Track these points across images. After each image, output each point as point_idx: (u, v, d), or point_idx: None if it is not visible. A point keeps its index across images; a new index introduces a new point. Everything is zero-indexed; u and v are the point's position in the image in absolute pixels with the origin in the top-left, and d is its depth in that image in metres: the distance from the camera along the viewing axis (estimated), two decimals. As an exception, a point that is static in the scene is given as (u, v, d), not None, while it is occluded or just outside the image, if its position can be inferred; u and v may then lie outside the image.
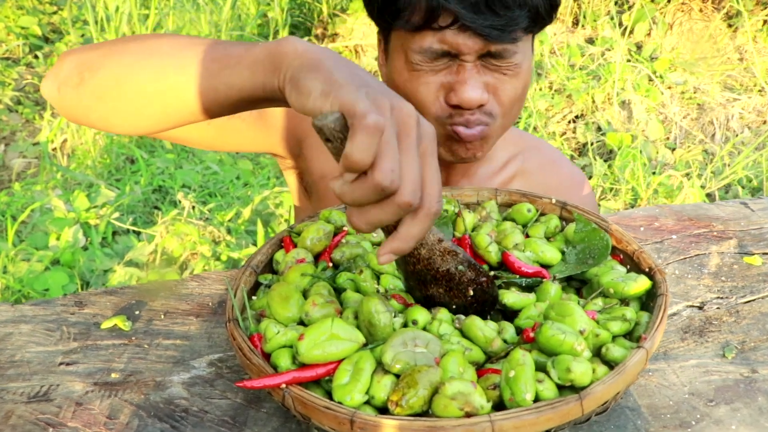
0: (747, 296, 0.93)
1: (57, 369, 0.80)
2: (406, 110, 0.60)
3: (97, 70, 0.81)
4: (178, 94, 0.77)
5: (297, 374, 0.63)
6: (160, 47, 0.79)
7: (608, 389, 0.62)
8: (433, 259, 0.71)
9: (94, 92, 0.81)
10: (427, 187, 0.60)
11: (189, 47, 0.77)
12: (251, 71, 0.71)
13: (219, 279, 0.97)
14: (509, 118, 1.02)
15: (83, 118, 0.86)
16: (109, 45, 0.83)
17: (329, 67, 0.63)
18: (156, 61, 0.77)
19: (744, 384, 0.77)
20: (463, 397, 0.58)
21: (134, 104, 0.80)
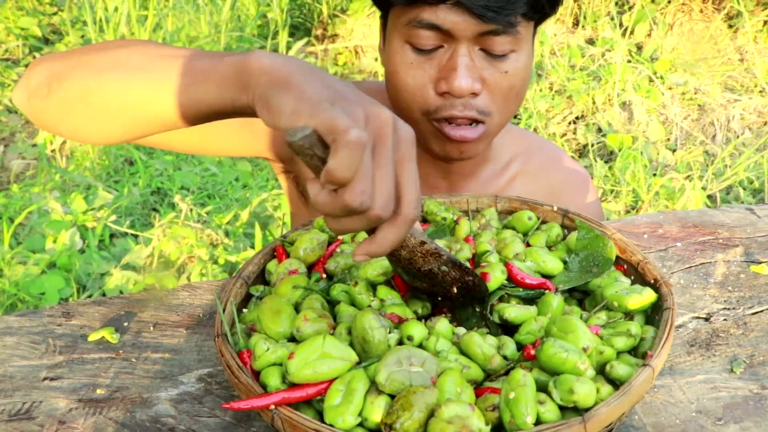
0: (755, 307, 0.90)
1: (41, 384, 0.77)
2: (383, 118, 0.59)
3: (63, 81, 0.79)
4: (146, 108, 0.75)
5: (286, 395, 0.60)
6: (128, 59, 0.76)
7: (613, 411, 0.59)
8: (414, 260, 0.70)
9: (61, 104, 0.79)
10: (404, 194, 0.60)
11: (156, 59, 0.74)
12: (219, 88, 0.68)
13: (210, 289, 0.94)
14: (506, 115, 1.00)
15: (53, 128, 0.84)
16: (78, 54, 0.80)
17: (298, 82, 0.61)
18: (122, 74, 0.75)
19: (754, 401, 0.74)
20: (460, 421, 0.56)
21: (102, 117, 0.78)
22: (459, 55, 0.92)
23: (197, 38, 3.87)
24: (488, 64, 0.94)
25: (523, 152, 1.19)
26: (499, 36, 0.91)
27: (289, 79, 0.61)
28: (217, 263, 2.42)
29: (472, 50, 0.93)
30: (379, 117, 0.58)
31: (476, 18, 0.89)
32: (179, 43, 3.77)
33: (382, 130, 0.58)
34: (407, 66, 0.95)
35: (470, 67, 0.93)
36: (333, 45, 4.35)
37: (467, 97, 0.94)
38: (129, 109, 0.75)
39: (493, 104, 0.96)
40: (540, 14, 0.95)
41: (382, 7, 0.99)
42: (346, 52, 4.35)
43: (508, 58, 0.94)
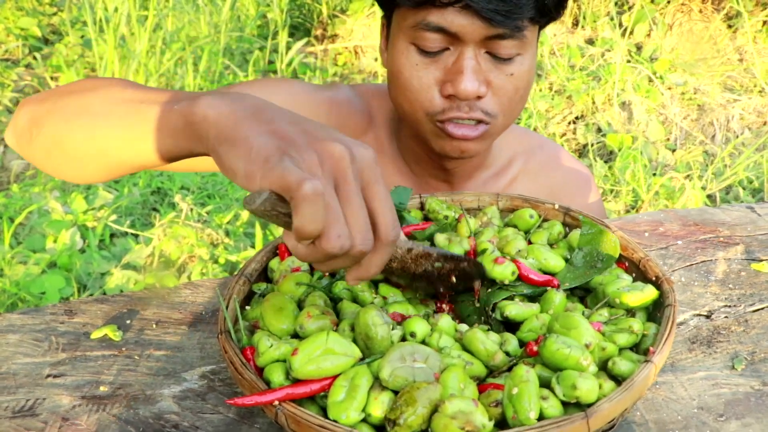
0: (756, 304, 0.90)
1: (44, 381, 0.77)
2: (336, 153, 0.57)
3: (41, 128, 0.81)
4: (113, 154, 0.75)
5: (290, 390, 0.61)
6: (92, 105, 0.77)
7: (615, 406, 0.59)
8: (406, 267, 0.71)
9: (41, 150, 0.82)
10: (379, 220, 0.59)
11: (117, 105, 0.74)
12: (174, 139, 0.68)
13: (213, 287, 0.95)
14: (509, 118, 1.00)
15: (41, 167, 0.87)
16: (54, 98, 0.82)
17: (245, 136, 0.59)
18: (87, 122, 0.76)
19: (755, 397, 0.74)
20: (464, 416, 0.56)
21: (77, 162, 0.80)
22: (465, 58, 0.92)
23: (197, 38, 3.87)
24: (494, 66, 0.94)
25: (524, 152, 1.19)
26: (505, 40, 0.91)
27: (236, 133, 0.60)
28: (218, 263, 2.42)
29: (478, 53, 0.93)
30: (332, 154, 0.57)
31: (484, 21, 0.89)
32: (179, 44, 3.77)
33: (339, 165, 0.57)
34: (412, 67, 0.95)
35: (476, 70, 0.93)
36: (333, 45, 4.35)
37: (473, 99, 0.94)
38: (98, 156, 0.76)
39: (498, 106, 0.96)
40: (546, 18, 0.95)
41: (387, 8, 0.99)
42: (346, 53, 4.35)
43: (514, 61, 0.94)
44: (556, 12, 0.94)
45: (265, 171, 0.56)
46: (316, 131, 0.59)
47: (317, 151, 0.57)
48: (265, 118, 0.60)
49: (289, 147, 0.57)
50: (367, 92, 1.15)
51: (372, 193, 0.59)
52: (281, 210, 0.56)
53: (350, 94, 1.13)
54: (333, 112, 1.10)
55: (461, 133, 0.96)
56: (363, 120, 1.13)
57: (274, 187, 0.55)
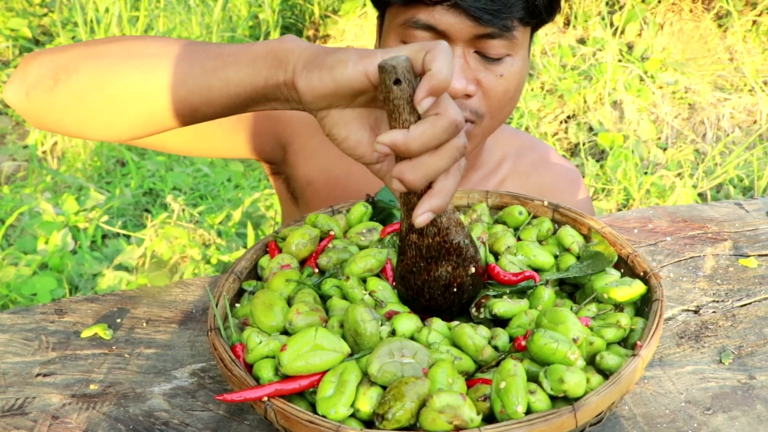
0: (743, 299, 0.91)
1: (34, 380, 0.77)
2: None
3: (74, 71, 0.76)
4: (168, 94, 0.73)
5: (279, 386, 0.61)
6: (146, 47, 0.75)
7: (603, 400, 0.60)
8: (450, 229, 0.69)
9: (71, 94, 0.76)
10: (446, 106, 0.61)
11: (179, 46, 0.74)
12: (252, 67, 0.68)
13: (203, 285, 0.95)
14: (498, 119, 1.00)
15: (55, 123, 0.81)
16: (85, 46, 0.79)
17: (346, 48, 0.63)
18: (143, 62, 0.74)
19: (742, 391, 0.75)
20: (452, 410, 0.56)
21: (117, 107, 0.75)
22: (454, 57, 0.92)
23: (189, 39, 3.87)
24: (483, 66, 0.94)
25: (514, 152, 1.19)
26: (494, 39, 0.91)
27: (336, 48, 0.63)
28: (210, 263, 2.42)
29: (467, 52, 0.93)
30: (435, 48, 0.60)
31: (472, 20, 0.89)
32: (171, 44, 3.77)
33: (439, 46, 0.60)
34: None
35: (465, 68, 0.93)
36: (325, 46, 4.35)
37: (461, 98, 0.94)
38: (149, 97, 0.73)
39: (486, 107, 0.96)
40: (537, 20, 0.94)
41: (380, 7, 0.99)
42: (338, 53, 4.35)
43: (504, 62, 0.94)
44: (546, 14, 0.94)
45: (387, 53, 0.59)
46: None
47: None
48: None
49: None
50: None
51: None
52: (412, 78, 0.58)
53: None
54: None
55: None
56: None
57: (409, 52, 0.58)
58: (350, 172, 1.08)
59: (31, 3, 4.43)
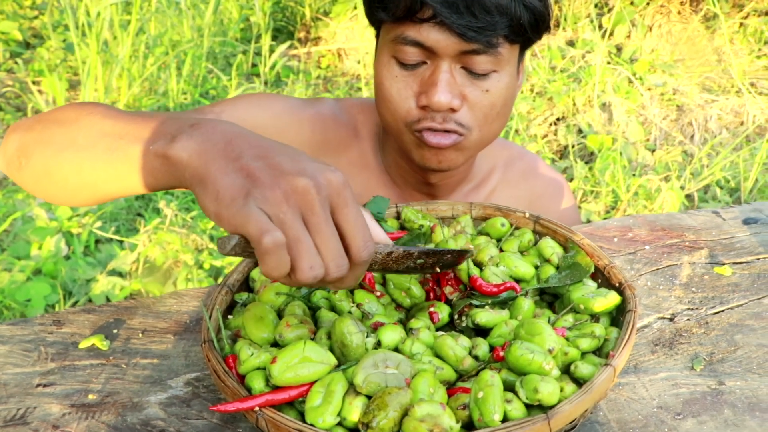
0: (716, 307, 0.95)
1: (34, 391, 0.80)
2: (301, 187, 0.60)
3: (29, 158, 0.82)
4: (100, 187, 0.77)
5: (270, 397, 0.64)
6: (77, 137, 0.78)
7: (576, 408, 0.63)
8: (388, 268, 0.73)
9: (31, 179, 0.84)
10: (351, 242, 0.62)
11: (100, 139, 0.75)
12: (155, 178, 0.69)
13: (197, 296, 0.98)
14: (487, 133, 1.03)
15: (33, 194, 0.89)
16: (41, 127, 0.83)
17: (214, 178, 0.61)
18: (74, 155, 0.77)
19: (711, 396, 0.79)
20: (432, 419, 0.60)
21: (67, 191, 0.81)
22: (440, 72, 0.96)
23: (180, 42, 3.89)
24: (469, 81, 0.97)
25: (503, 163, 1.23)
26: (480, 55, 0.95)
27: (206, 174, 0.62)
28: (203, 268, 2.44)
29: (453, 67, 0.96)
30: (296, 189, 0.60)
31: (457, 37, 0.92)
32: (162, 48, 3.79)
33: (305, 199, 0.60)
34: (392, 79, 0.99)
35: (450, 83, 0.96)
36: (316, 48, 4.38)
37: (447, 111, 0.97)
38: (87, 187, 0.78)
39: (472, 120, 0.99)
40: (523, 38, 0.98)
41: (374, 24, 1.04)
42: (329, 55, 4.38)
43: (490, 78, 0.97)
44: (533, 33, 0.98)
45: (231, 215, 0.59)
46: (282, 164, 0.61)
47: (282, 187, 0.59)
48: (233, 153, 0.62)
49: (253, 186, 0.60)
50: (352, 107, 1.19)
51: (342, 217, 0.62)
52: (252, 251, 0.60)
53: (335, 109, 1.16)
54: (317, 128, 1.13)
55: (436, 141, 1.00)
56: (348, 134, 1.16)
57: (237, 233, 0.59)
58: None
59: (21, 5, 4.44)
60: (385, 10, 0.96)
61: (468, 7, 0.90)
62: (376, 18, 1.00)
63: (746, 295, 0.97)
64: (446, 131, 0.99)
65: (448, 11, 0.90)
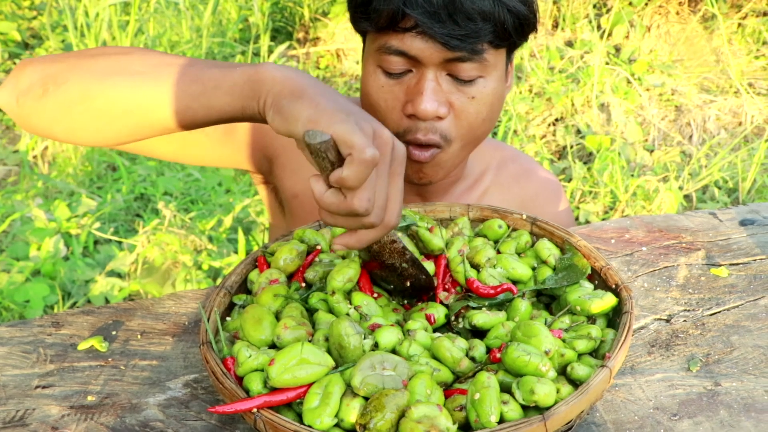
0: (713, 308, 0.95)
1: (33, 392, 0.80)
2: (385, 136, 0.67)
3: (63, 83, 0.80)
4: (152, 112, 0.78)
5: (268, 398, 0.65)
6: (131, 64, 0.79)
7: (572, 409, 0.64)
8: (382, 253, 0.80)
9: (59, 105, 0.81)
10: (390, 204, 0.70)
11: (163, 66, 0.78)
12: (230, 96, 0.74)
13: (195, 297, 0.98)
14: (469, 140, 1.02)
15: (45, 129, 0.85)
16: (75, 57, 0.83)
17: (312, 94, 0.68)
18: (128, 79, 0.78)
19: (707, 397, 0.79)
20: (429, 420, 0.60)
21: (102, 120, 0.81)
22: (426, 80, 0.95)
23: (179, 43, 3.89)
24: (455, 89, 0.97)
25: (496, 165, 1.22)
26: (465, 63, 0.94)
27: (303, 91, 0.69)
28: (201, 269, 2.45)
29: (439, 75, 0.95)
30: (382, 135, 0.67)
31: (441, 46, 0.92)
32: (161, 49, 3.79)
33: (384, 148, 0.67)
34: (378, 89, 0.98)
35: (436, 91, 0.95)
36: (315, 48, 4.39)
37: (433, 120, 0.97)
38: (133, 114, 0.79)
39: (456, 130, 0.98)
40: (508, 42, 0.97)
41: (360, 33, 1.03)
42: (328, 56, 4.39)
43: (476, 84, 0.97)
44: (518, 36, 0.97)
45: (331, 120, 0.64)
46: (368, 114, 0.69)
47: (374, 127, 0.67)
48: (329, 88, 0.70)
49: (352, 113, 0.66)
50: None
51: (393, 182, 0.69)
52: (330, 157, 0.65)
53: None
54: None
55: (416, 155, 0.99)
56: None
57: (338, 138, 0.64)
58: None
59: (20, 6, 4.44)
60: (368, 20, 0.95)
61: (450, 15, 0.89)
62: (360, 28, 1.00)
63: (742, 296, 0.98)
64: (428, 145, 0.99)
65: (430, 21, 0.89)
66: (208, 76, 0.76)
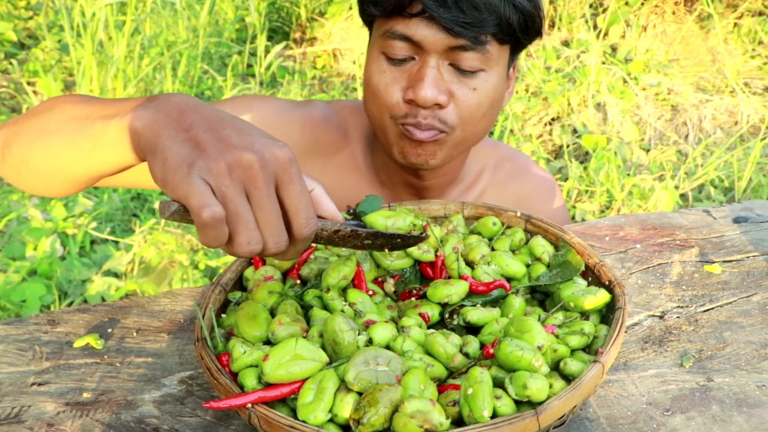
0: (706, 305, 0.96)
1: (29, 390, 0.81)
2: (245, 161, 0.61)
3: (9, 149, 0.86)
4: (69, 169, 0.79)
5: (262, 394, 0.65)
6: (49, 124, 0.80)
7: (564, 404, 0.64)
8: (334, 243, 0.74)
9: (12, 169, 0.87)
10: (293, 219, 0.64)
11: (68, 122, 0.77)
12: (116, 152, 0.70)
13: (191, 295, 0.98)
14: (470, 132, 1.03)
15: (15, 186, 0.92)
16: (22, 120, 0.86)
17: (162, 147, 0.62)
18: (45, 141, 0.80)
19: (699, 393, 0.80)
20: (422, 415, 0.60)
21: (42, 178, 0.84)
22: (427, 67, 0.96)
23: (175, 43, 3.89)
24: (456, 79, 0.98)
25: (492, 164, 1.23)
26: (468, 52, 0.96)
27: (156, 142, 0.63)
28: (198, 268, 2.45)
29: (441, 64, 0.97)
30: (241, 162, 0.60)
31: (445, 32, 0.93)
32: (157, 49, 3.79)
33: (248, 174, 0.60)
34: (381, 74, 1.00)
35: (437, 78, 0.97)
36: (311, 48, 4.39)
37: (433, 108, 0.98)
38: (58, 171, 0.80)
39: (457, 119, 0.99)
40: (513, 39, 0.98)
41: (367, 22, 1.05)
42: (325, 55, 4.39)
43: (477, 76, 0.98)
44: (522, 33, 0.98)
45: (174, 184, 0.60)
46: (230, 137, 0.62)
47: (227, 160, 0.60)
48: (185, 124, 0.63)
49: (199, 157, 0.60)
50: (343, 109, 1.19)
51: (286, 193, 0.63)
52: (189, 218, 0.62)
53: (326, 111, 1.17)
54: (307, 129, 1.13)
55: (417, 136, 1.00)
56: (338, 137, 1.16)
57: (180, 201, 0.60)
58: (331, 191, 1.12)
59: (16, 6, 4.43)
60: (375, 5, 0.97)
61: (456, 2, 0.92)
62: (368, 13, 1.01)
63: (735, 293, 0.98)
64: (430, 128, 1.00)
65: (435, 5, 0.92)
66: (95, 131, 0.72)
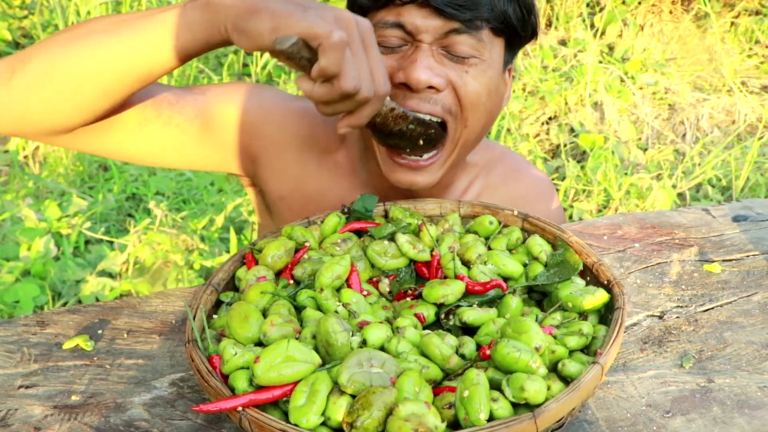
0: (706, 304, 0.94)
1: (16, 392, 0.79)
2: (346, 17, 0.72)
3: (28, 62, 0.83)
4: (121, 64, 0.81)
5: (253, 396, 0.63)
6: (93, 27, 0.83)
7: (562, 406, 0.63)
8: (386, 123, 0.87)
9: (28, 84, 0.83)
10: (375, 75, 0.76)
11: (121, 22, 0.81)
12: (191, 33, 0.78)
13: (183, 295, 0.97)
14: (473, 122, 0.99)
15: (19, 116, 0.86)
16: (35, 44, 0.86)
17: (265, 6, 0.72)
18: (92, 39, 0.81)
19: (700, 394, 0.78)
20: (416, 418, 0.59)
21: (71, 87, 0.83)
22: (420, 51, 0.93)
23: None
24: (451, 64, 0.95)
25: (485, 165, 1.20)
26: (461, 35, 0.93)
27: (256, 6, 0.72)
28: (193, 268, 2.43)
29: (435, 50, 0.94)
30: (344, 17, 0.72)
31: (437, 15, 0.91)
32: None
33: (349, 27, 0.72)
34: None
35: (430, 62, 0.93)
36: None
37: (428, 91, 0.94)
38: (103, 71, 0.81)
39: (458, 105, 0.96)
40: (507, 29, 0.96)
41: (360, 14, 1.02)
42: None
43: (471, 62, 0.95)
44: (519, 25, 0.96)
45: (294, 23, 0.69)
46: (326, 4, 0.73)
47: (333, 13, 0.71)
48: None
49: (309, 7, 0.71)
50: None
51: (370, 54, 0.75)
52: (305, 55, 0.71)
53: None
54: (305, 122, 1.10)
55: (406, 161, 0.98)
56: (336, 137, 1.13)
57: (304, 35, 0.69)
58: (327, 190, 1.10)
59: (10, 5, 4.41)
60: None
61: None
62: (359, 5, 0.98)
63: (735, 292, 0.97)
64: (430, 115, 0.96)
65: None
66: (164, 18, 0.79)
